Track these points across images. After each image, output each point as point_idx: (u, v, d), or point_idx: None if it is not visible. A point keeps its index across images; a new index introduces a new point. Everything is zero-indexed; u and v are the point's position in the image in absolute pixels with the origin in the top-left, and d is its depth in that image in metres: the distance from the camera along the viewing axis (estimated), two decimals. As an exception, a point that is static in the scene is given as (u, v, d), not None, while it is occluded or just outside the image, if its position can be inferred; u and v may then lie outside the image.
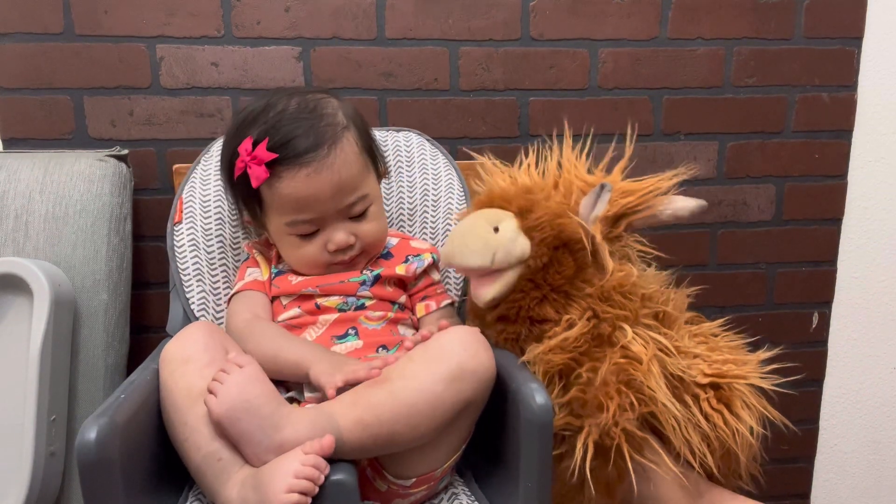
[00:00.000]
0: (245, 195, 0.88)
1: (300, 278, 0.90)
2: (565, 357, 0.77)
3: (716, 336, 0.88)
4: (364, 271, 0.90)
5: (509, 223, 0.80)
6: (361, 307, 0.89)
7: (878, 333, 1.35)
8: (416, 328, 0.93)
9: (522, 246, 0.79)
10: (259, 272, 0.93)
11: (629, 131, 0.88)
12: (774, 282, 1.30)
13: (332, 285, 0.89)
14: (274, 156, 0.81)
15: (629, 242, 0.83)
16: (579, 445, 0.74)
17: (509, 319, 0.82)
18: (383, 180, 1.02)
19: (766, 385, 0.83)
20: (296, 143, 0.82)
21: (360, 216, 0.88)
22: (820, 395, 1.36)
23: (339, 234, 0.86)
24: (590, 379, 0.76)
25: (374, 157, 0.92)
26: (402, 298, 0.92)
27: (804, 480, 1.40)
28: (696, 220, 0.83)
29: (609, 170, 0.87)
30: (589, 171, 0.86)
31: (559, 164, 0.87)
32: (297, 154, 0.82)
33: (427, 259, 0.94)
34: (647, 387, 0.75)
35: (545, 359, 0.77)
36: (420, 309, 0.93)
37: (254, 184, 0.83)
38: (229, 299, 0.92)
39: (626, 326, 0.78)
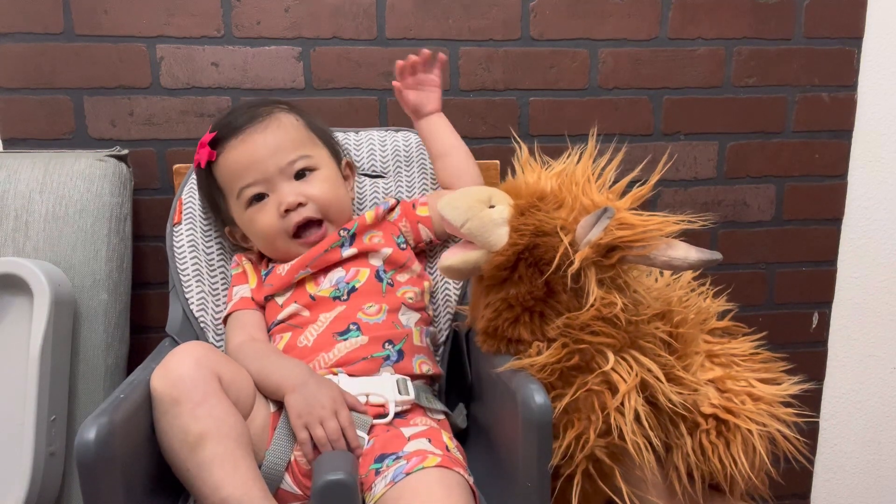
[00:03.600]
0: (208, 190, 0.94)
1: (289, 266, 0.91)
2: (541, 377, 0.75)
3: (747, 355, 0.86)
4: (341, 232, 0.92)
5: (504, 210, 0.77)
6: (353, 290, 0.89)
7: (878, 333, 1.35)
8: (420, 308, 0.94)
9: (499, 236, 0.76)
10: (246, 287, 0.94)
11: (660, 167, 0.83)
12: (774, 282, 1.30)
13: (317, 257, 0.90)
14: (213, 135, 0.91)
15: (622, 273, 0.77)
16: None
17: (489, 334, 0.81)
18: (381, 180, 1.03)
19: (773, 429, 0.80)
20: (233, 121, 0.92)
21: (306, 178, 0.91)
22: (820, 395, 1.36)
23: (286, 194, 0.89)
24: (556, 404, 0.74)
25: (325, 140, 0.96)
26: (388, 251, 0.92)
27: (804, 480, 1.40)
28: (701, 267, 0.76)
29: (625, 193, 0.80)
30: (612, 185, 0.81)
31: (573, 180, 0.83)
32: (233, 129, 0.91)
33: (391, 201, 0.98)
34: (615, 418, 0.72)
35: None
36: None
37: (202, 164, 0.91)
38: (224, 321, 0.94)
39: (609, 353, 0.75)
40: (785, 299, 1.31)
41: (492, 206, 0.78)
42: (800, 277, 1.31)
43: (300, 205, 0.90)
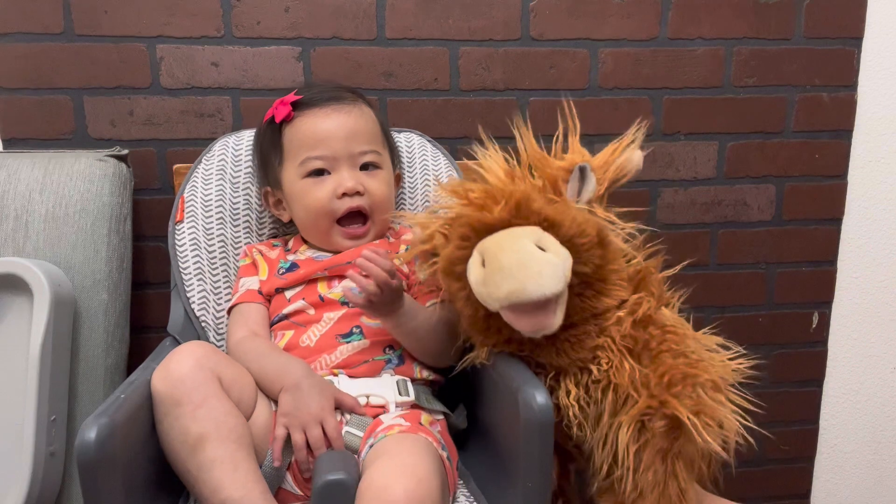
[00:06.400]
0: (267, 146, 0.95)
1: (307, 269, 0.92)
2: (640, 333, 0.77)
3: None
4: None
5: (550, 238, 0.73)
6: None
7: (878, 333, 1.35)
8: None
9: (570, 258, 0.73)
10: (254, 279, 0.94)
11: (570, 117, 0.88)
12: (774, 282, 1.30)
13: (338, 266, 0.90)
14: (298, 98, 0.92)
15: (611, 214, 0.83)
16: (684, 417, 0.70)
17: (576, 325, 0.78)
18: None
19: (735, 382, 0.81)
20: (320, 94, 0.94)
21: (370, 173, 0.92)
22: (820, 395, 1.36)
23: (348, 178, 0.90)
24: (656, 356, 0.75)
25: (390, 144, 0.98)
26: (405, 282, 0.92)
27: (804, 480, 1.40)
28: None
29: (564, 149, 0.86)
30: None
31: (526, 163, 0.85)
32: (320, 100, 0.92)
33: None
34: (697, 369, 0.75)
35: (628, 334, 0.77)
36: None
37: (277, 118, 0.92)
38: (228, 311, 0.94)
39: (664, 309, 0.79)
40: (785, 299, 1.31)
41: (542, 248, 0.72)
42: (800, 277, 1.31)
43: (357, 193, 0.90)
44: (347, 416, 0.80)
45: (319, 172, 0.91)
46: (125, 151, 1.08)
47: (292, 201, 0.94)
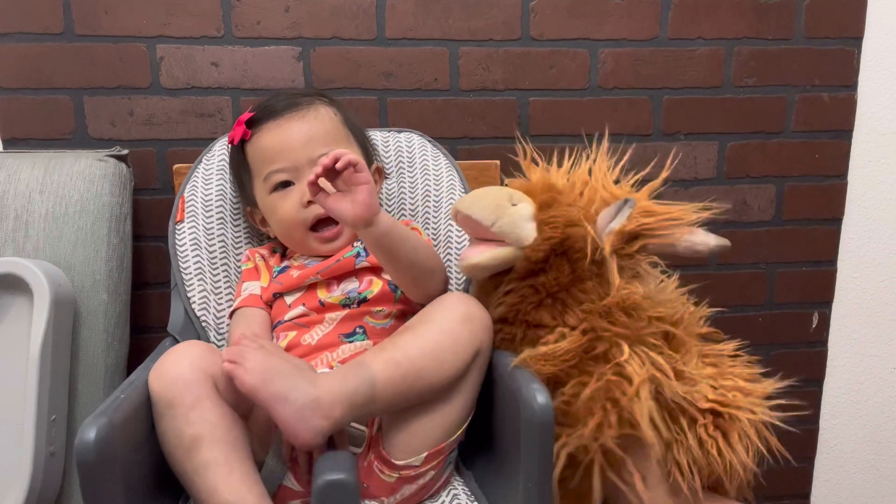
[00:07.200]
0: (237, 168, 0.95)
1: (301, 272, 0.91)
2: (554, 368, 0.76)
3: (730, 357, 0.87)
4: (356, 243, 0.93)
5: (527, 206, 0.79)
6: (364, 301, 0.89)
7: (878, 333, 1.35)
8: None
9: (528, 231, 0.77)
10: (256, 284, 0.94)
11: (668, 163, 0.88)
12: (774, 282, 1.30)
13: (330, 267, 0.89)
14: (251, 114, 0.92)
15: (642, 263, 0.81)
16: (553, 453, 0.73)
17: (507, 321, 0.82)
18: (384, 181, 1.03)
19: (767, 418, 0.81)
20: (273, 105, 0.93)
21: None
22: (820, 395, 1.36)
23: None
24: (576, 393, 0.75)
25: (359, 139, 0.96)
26: None
27: (804, 480, 1.40)
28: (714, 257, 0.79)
29: (639, 187, 0.86)
30: (617, 183, 0.85)
31: (590, 171, 0.86)
32: (272, 112, 0.92)
33: (410, 224, 0.97)
34: (628, 412, 0.74)
35: (535, 367, 0.76)
36: None
37: (235, 140, 0.93)
38: (230, 315, 0.94)
39: (624, 345, 0.76)
40: (785, 299, 1.31)
41: (514, 204, 0.79)
42: (800, 277, 1.31)
43: None
44: None
45: (285, 184, 0.91)
46: (125, 151, 1.08)
47: (268, 217, 0.95)
